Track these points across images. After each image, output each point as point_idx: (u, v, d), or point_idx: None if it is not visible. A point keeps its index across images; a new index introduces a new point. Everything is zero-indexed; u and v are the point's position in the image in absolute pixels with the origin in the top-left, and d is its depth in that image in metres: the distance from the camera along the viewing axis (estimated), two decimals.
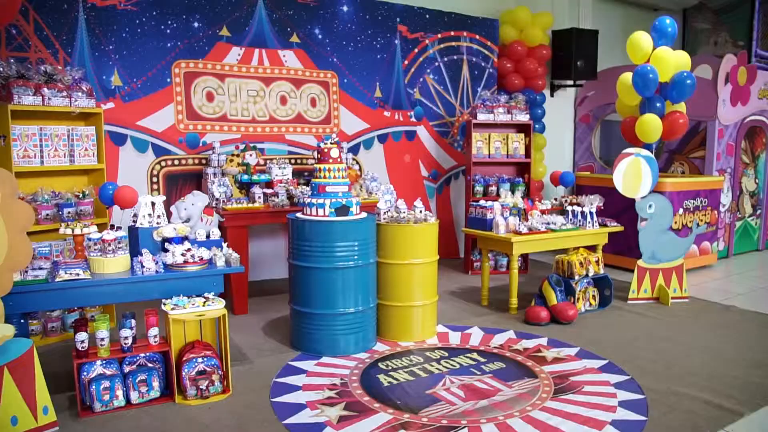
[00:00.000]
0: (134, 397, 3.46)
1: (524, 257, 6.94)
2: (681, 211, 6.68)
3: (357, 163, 6.90)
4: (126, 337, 3.43)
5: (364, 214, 4.48)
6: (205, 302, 3.60)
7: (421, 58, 7.24)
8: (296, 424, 3.25)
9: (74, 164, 4.52)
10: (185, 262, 3.70)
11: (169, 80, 5.77)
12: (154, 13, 5.64)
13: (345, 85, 6.77)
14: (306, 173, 6.30)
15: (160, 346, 3.54)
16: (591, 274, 5.36)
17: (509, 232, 5.23)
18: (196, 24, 5.86)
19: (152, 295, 3.64)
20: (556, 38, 7.80)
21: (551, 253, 5.48)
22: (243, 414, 3.38)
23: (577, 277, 5.26)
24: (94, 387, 3.35)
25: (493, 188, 6.79)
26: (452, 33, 7.41)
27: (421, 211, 4.73)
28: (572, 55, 7.60)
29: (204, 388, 3.53)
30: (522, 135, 6.82)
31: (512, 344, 4.49)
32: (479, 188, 6.76)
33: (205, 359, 3.53)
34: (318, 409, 3.42)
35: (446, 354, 4.29)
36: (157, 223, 3.90)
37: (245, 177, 5.57)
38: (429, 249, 4.63)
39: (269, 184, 5.69)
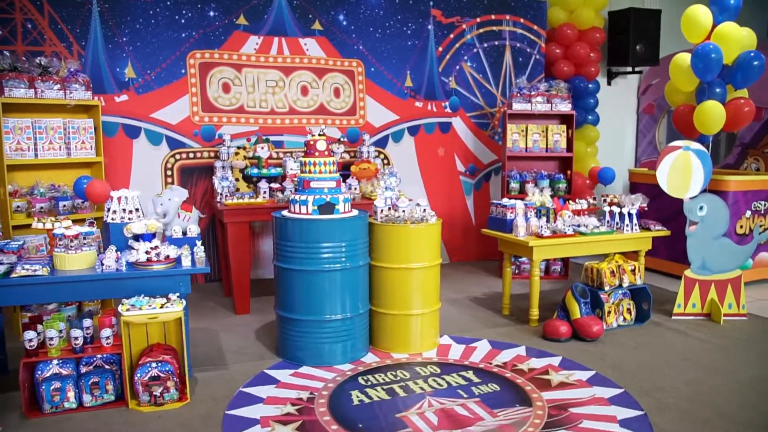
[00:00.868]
0: (87, 399, 3.31)
1: (564, 261, 6.30)
2: (749, 213, 5.77)
3: (385, 157, 6.53)
4: (76, 338, 3.28)
5: (355, 212, 4.13)
6: (163, 304, 3.39)
7: (457, 45, 6.74)
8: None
9: (71, 157, 4.47)
10: (149, 260, 3.51)
11: (183, 71, 5.66)
12: (168, 3, 5.53)
13: (372, 74, 6.41)
14: None
15: (114, 348, 3.37)
16: (626, 284, 4.71)
17: (530, 235, 4.68)
18: (211, 13, 5.71)
19: (113, 294, 3.49)
20: (612, 20, 7.03)
21: (599, 257, 4.88)
22: (192, 426, 3.14)
23: (607, 288, 4.62)
24: (44, 387, 3.22)
25: (531, 185, 6.18)
26: (493, 17, 6.84)
27: (424, 210, 4.31)
28: (630, 38, 6.80)
29: (158, 394, 3.32)
30: (564, 127, 6.16)
31: (518, 363, 3.98)
32: (515, 185, 6.19)
33: (160, 364, 3.32)
34: (270, 426, 3.12)
35: (438, 371, 3.86)
36: (129, 219, 3.74)
37: (254, 171, 5.36)
38: (429, 252, 4.20)
39: (282, 178, 5.45)
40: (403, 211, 4.26)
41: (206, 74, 5.74)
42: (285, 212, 4.06)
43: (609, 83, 7.49)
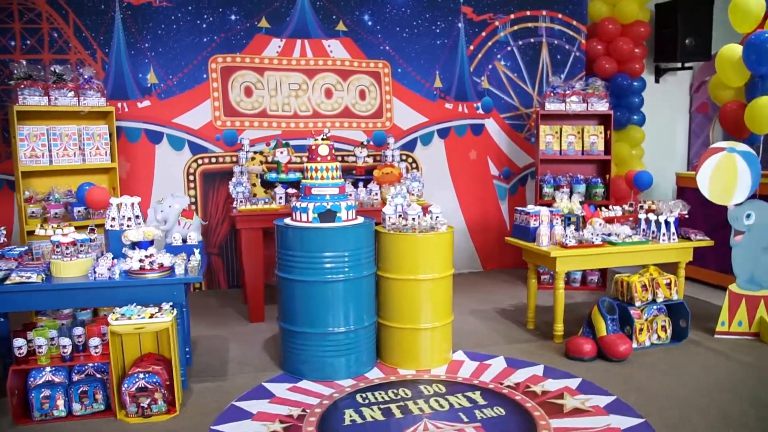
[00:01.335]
0: (76, 408, 3.28)
1: (602, 271, 5.88)
2: None
3: (413, 160, 6.31)
4: (65, 347, 3.24)
5: (360, 220, 3.94)
6: (153, 314, 3.31)
7: (489, 43, 6.44)
8: None
9: (85, 163, 4.51)
10: (142, 269, 3.45)
11: (205, 76, 5.64)
12: (190, 8, 5.53)
13: (399, 75, 6.21)
14: (353, 171, 5.84)
15: (103, 358, 3.31)
16: (660, 299, 4.30)
17: (554, 245, 4.36)
18: (233, 17, 5.67)
19: (105, 302, 3.45)
20: (659, 12, 6.54)
21: (636, 269, 4.52)
22: None
23: (638, 303, 4.24)
24: (33, 395, 3.21)
25: (565, 190, 5.82)
26: (528, 13, 6.50)
27: (436, 217, 4.07)
28: (679, 31, 6.30)
29: (145, 406, 3.24)
30: (601, 127, 5.76)
31: (532, 384, 3.68)
32: (548, 190, 5.84)
33: (147, 375, 3.24)
34: None
35: (442, 390, 3.61)
36: (128, 226, 3.70)
37: (272, 176, 5.28)
38: (440, 262, 3.96)
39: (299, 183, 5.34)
40: (413, 219, 4.03)
41: (228, 78, 5.71)
42: (287, 220, 3.92)
43: (657, 81, 6.99)
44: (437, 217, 4.10)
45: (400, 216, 4.08)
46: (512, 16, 6.46)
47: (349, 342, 3.85)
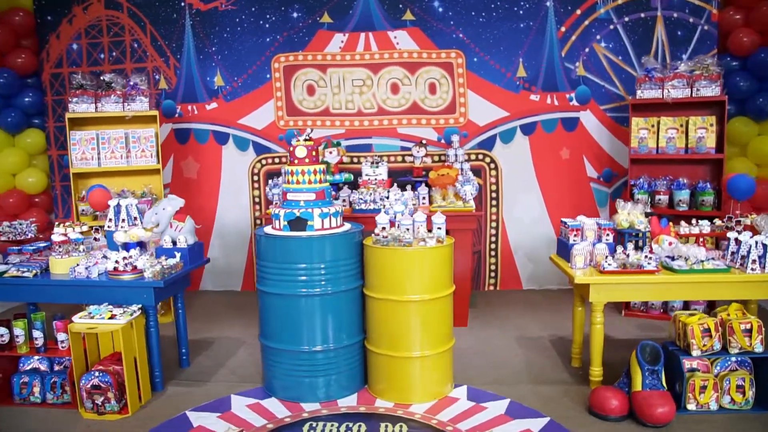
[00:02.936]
0: (49, 397, 3.49)
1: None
2: None
3: (492, 160, 5.64)
4: (36, 338, 3.45)
5: (346, 227, 3.58)
6: (113, 315, 3.36)
7: (586, 22, 5.47)
8: None
9: (131, 165, 4.79)
10: (116, 269, 3.53)
11: (268, 76, 5.66)
12: (253, 9, 5.58)
13: (474, 65, 5.58)
14: (412, 172, 5.42)
15: (68, 353, 3.44)
16: (735, 350, 3.20)
17: (593, 267, 3.51)
18: (295, 14, 5.59)
19: (82, 299, 3.60)
20: None
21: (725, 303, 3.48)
22: None
23: (695, 352, 3.20)
24: (15, 380, 3.48)
25: (663, 197, 4.71)
26: None
27: (438, 228, 3.53)
28: None
29: (99, 403, 3.31)
30: (713, 118, 4.52)
31: None
32: (641, 196, 4.77)
33: (101, 374, 3.30)
34: None
35: None
36: (121, 227, 3.82)
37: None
38: (432, 281, 3.42)
39: (352, 185, 5.10)
40: (407, 229, 3.54)
41: (290, 77, 5.66)
42: (267, 228, 3.70)
43: None
44: (439, 227, 3.55)
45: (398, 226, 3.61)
46: None
47: (328, 362, 3.52)
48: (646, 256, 3.42)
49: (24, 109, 5.53)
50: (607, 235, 3.68)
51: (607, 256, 3.46)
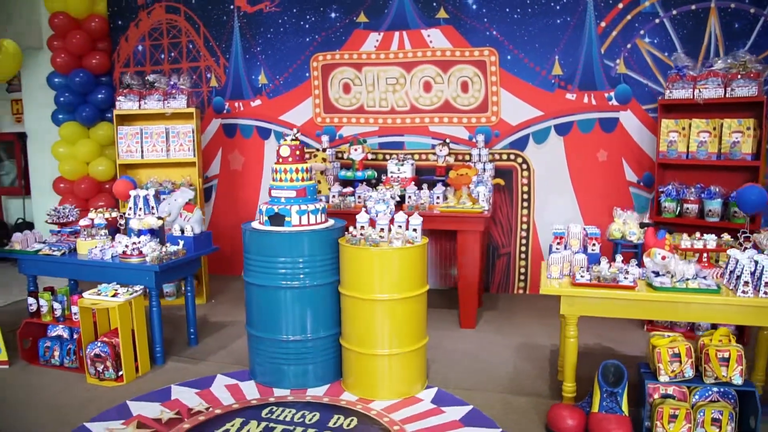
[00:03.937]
0: (66, 361, 3.98)
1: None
2: None
3: (524, 161, 5.50)
4: (56, 309, 3.95)
5: (329, 223, 3.74)
6: (116, 293, 3.78)
7: (628, 16, 5.13)
8: (80, 427, 3.15)
9: (169, 158, 5.25)
10: (124, 253, 3.93)
11: (307, 75, 5.90)
12: (295, 10, 5.83)
13: (508, 63, 5.45)
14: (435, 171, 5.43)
15: (78, 323, 3.90)
16: (711, 380, 2.95)
17: (567, 277, 3.38)
18: (333, 15, 5.77)
19: (97, 278, 4.04)
20: None
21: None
22: (95, 402, 3.46)
23: (662, 377, 2.99)
24: (40, 343, 4.02)
25: (692, 206, 4.35)
26: None
27: (414, 230, 3.58)
28: None
29: (100, 371, 3.74)
30: (750, 121, 4.09)
31: None
32: (669, 204, 4.44)
33: (102, 345, 3.72)
34: (125, 425, 3.18)
35: (350, 426, 3.20)
36: (138, 215, 4.24)
37: (342, 174, 5.28)
38: (402, 282, 3.48)
39: (375, 182, 5.24)
40: (382, 229, 3.61)
41: (328, 76, 5.86)
42: (254, 223, 3.92)
43: None
44: (415, 229, 3.59)
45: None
46: None
47: (305, 352, 3.71)
48: (625, 270, 3.23)
49: (97, 104, 6.21)
50: (593, 245, 3.51)
51: (582, 268, 3.31)
